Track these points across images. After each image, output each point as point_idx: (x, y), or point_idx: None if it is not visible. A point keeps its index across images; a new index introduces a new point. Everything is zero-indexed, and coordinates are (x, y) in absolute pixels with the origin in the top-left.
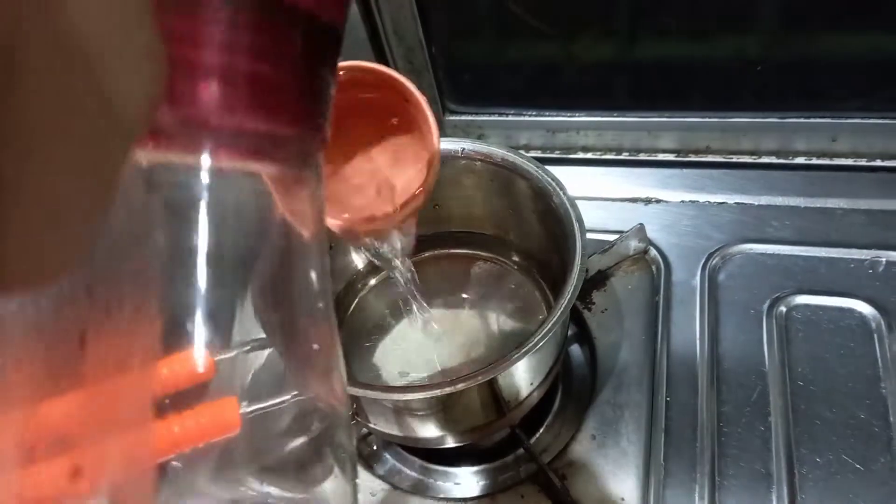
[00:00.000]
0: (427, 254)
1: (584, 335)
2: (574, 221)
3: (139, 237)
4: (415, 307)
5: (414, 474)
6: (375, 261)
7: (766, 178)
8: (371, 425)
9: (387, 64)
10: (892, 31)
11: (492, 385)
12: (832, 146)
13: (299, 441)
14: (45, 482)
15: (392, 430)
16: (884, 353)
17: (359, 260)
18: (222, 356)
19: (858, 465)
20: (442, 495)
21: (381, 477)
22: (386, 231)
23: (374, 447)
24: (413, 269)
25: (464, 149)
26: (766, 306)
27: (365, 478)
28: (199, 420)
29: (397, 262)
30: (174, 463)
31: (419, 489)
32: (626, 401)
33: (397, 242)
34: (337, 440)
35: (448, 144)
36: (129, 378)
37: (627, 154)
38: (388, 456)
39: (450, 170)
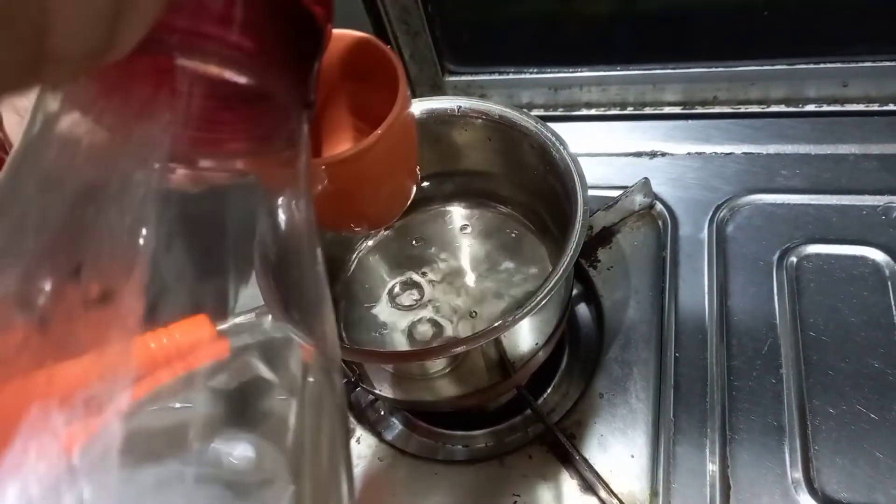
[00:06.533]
0: (428, 212)
1: (590, 293)
2: (575, 177)
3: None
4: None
5: (422, 438)
6: None
7: (774, 126)
8: (376, 391)
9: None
10: None
11: (496, 346)
12: (843, 91)
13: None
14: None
15: (397, 394)
16: None
17: None
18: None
19: (873, 415)
20: (450, 458)
21: (388, 442)
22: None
23: (382, 412)
24: None
25: (460, 106)
26: (776, 257)
27: (373, 443)
28: (175, 336)
29: None
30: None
31: (427, 453)
32: (634, 358)
33: None
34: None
35: (444, 103)
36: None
37: (632, 108)
38: (395, 421)
39: (447, 128)
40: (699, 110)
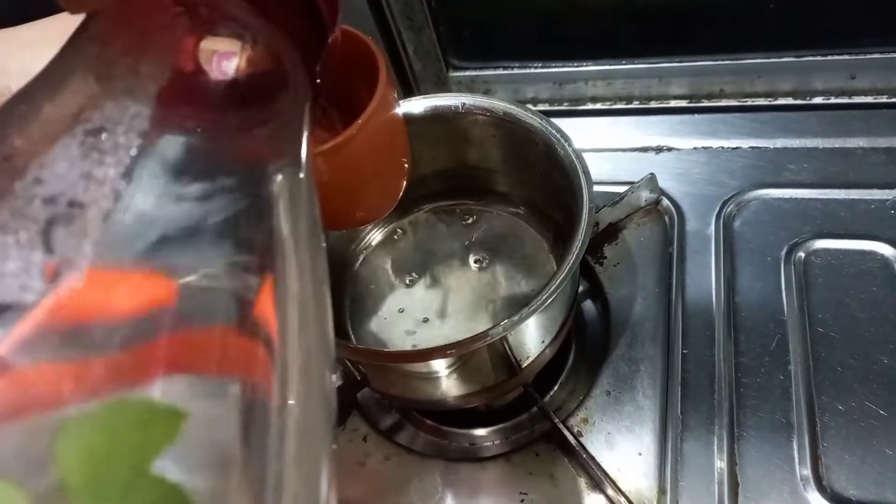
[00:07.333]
0: (432, 208)
1: (596, 290)
2: (580, 173)
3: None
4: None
5: (428, 436)
6: None
7: (781, 119)
8: (382, 389)
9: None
10: None
11: (502, 344)
12: (851, 84)
13: None
14: None
15: (403, 393)
16: None
17: None
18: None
19: (882, 412)
20: (457, 456)
21: (395, 441)
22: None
23: (388, 411)
24: None
25: (464, 103)
26: (783, 252)
27: (379, 441)
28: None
29: None
30: None
31: (434, 451)
32: (641, 355)
33: None
34: None
35: (448, 100)
36: None
37: (637, 103)
38: (401, 419)
39: (451, 125)
40: (705, 104)
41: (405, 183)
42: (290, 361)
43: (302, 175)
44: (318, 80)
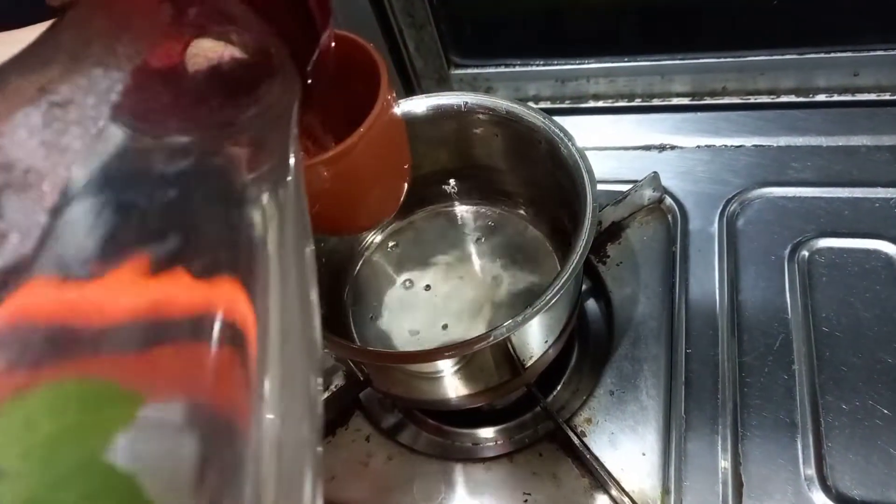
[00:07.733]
0: (436, 208)
1: (599, 289)
2: (583, 172)
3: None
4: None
5: (431, 436)
6: None
7: (785, 117)
8: (385, 389)
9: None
10: None
11: (506, 344)
12: (854, 81)
13: None
14: None
15: (406, 393)
16: None
17: None
18: None
19: (887, 411)
20: (460, 456)
21: (398, 441)
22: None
23: (391, 411)
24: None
25: (467, 102)
26: (787, 251)
27: (382, 442)
28: None
29: None
30: None
31: (437, 451)
32: (644, 355)
33: None
34: None
35: (451, 99)
36: None
37: (640, 100)
38: (404, 419)
39: (454, 124)
40: (708, 101)
41: (406, 187)
42: (269, 366)
43: (290, 178)
44: (310, 81)
